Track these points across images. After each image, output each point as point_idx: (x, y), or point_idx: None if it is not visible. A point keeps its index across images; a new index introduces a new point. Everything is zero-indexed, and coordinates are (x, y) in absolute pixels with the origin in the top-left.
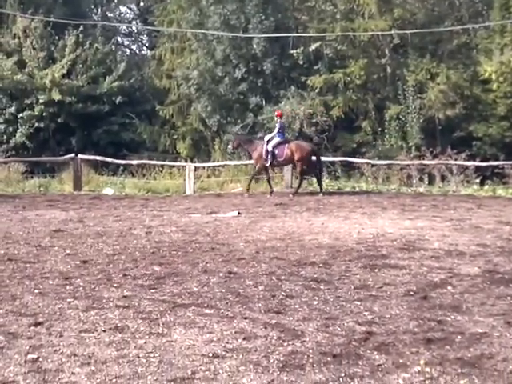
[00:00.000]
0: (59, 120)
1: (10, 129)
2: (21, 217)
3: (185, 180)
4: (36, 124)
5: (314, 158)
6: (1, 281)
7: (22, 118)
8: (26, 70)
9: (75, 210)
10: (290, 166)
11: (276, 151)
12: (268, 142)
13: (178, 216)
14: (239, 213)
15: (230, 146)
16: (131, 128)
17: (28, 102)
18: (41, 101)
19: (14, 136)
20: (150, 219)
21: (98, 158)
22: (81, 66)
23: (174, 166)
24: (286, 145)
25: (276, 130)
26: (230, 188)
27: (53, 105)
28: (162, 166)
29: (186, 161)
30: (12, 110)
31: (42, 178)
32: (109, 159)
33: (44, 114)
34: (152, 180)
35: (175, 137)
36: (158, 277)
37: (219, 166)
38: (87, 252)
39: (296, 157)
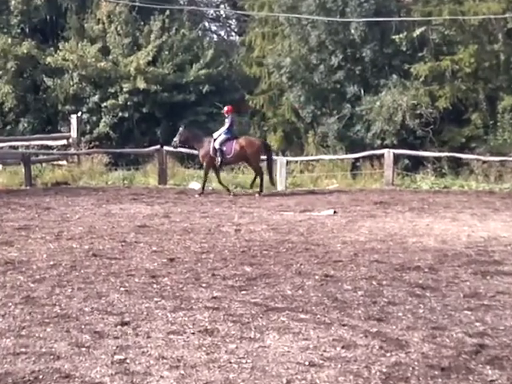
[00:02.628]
0: (144, 110)
1: (94, 118)
2: (105, 211)
3: (276, 175)
4: (120, 114)
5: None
6: (86, 277)
7: (105, 107)
8: (110, 57)
9: (160, 205)
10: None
11: (224, 148)
12: (216, 139)
13: (269, 213)
14: (335, 211)
15: (175, 139)
16: (219, 118)
17: (112, 90)
18: (125, 89)
19: (98, 126)
20: (239, 216)
21: (183, 150)
22: (167, 52)
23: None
24: (234, 141)
25: (226, 126)
26: (325, 184)
27: (137, 94)
28: None
29: (277, 154)
30: (96, 98)
31: (126, 170)
32: (195, 152)
33: (128, 103)
34: (241, 174)
35: (265, 128)
36: (249, 278)
37: (313, 160)
38: (174, 249)
39: (247, 152)
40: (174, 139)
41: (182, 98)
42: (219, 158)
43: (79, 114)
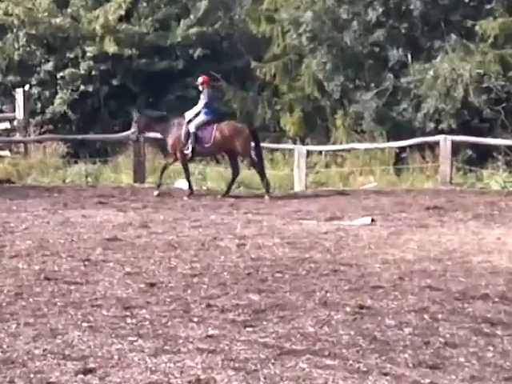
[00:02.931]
0: (114, 82)
1: (46, 93)
2: (61, 218)
3: (293, 170)
4: (82, 87)
5: (252, 143)
6: (36, 308)
7: (62, 78)
8: (69, 10)
9: (137, 211)
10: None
11: (200, 134)
12: (190, 121)
13: (284, 222)
14: (373, 220)
15: (132, 130)
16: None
17: (71, 55)
18: (89, 54)
19: (52, 104)
20: (242, 226)
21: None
22: (145, 4)
23: (276, 150)
24: (215, 125)
25: (201, 103)
26: (359, 183)
27: (105, 60)
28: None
29: (294, 142)
30: (49, 66)
31: (91, 163)
32: None
33: (93, 72)
34: (245, 169)
35: (278, 107)
36: (257, 310)
37: (343, 150)
38: (155, 271)
39: (230, 141)
40: (131, 130)
41: (165, 65)
42: (190, 146)
43: (26, 87)
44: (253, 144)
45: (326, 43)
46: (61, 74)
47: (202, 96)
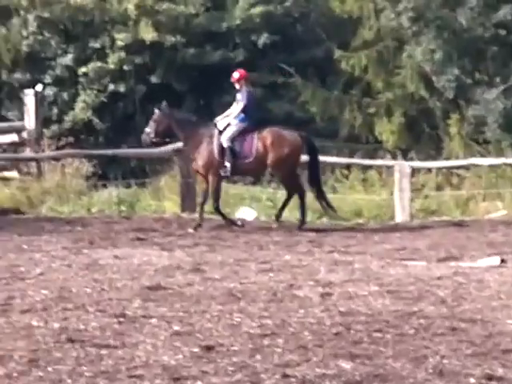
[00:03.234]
0: (153, 79)
1: (65, 95)
2: (87, 260)
3: (393, 194)
4: (111, 86)
5: (305, 156)
6: (57, 380)
7: (85, 75)
8: None
9: (186, 250)
10: None
11: (237, 147)
12: (223, 131)
13: (382, 264)
14: (503, 260)
15: (148, 130)
16: (287, 93)
17: (96, 45)
18: (119, 43)
19: (72, 109)
20: (327, 269)
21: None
22: None
23: (370, 167)
24: (256, 134)
25: (239, 106)
26: (483, 210)
27: (141, 50)
28: (348, 166)
29: (393, 157)
30: (67, 60)
31: (124, 187)
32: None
33: (125, 67)
34: (330, 193)
35: (372, 110)
36: (350, 381)
37: (459, 166)
38: (212, 330)
39: (274, 155)
40: (146, 129)
41: (220, 56)
42: (229, 166)
43: (39, 87)
44: (307, 158)
45: (435, 24)
46: (83, 69)
47: (238, 96)
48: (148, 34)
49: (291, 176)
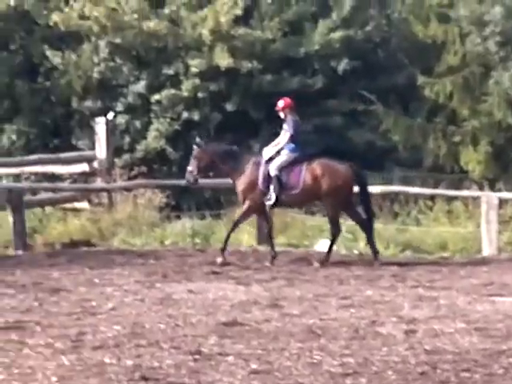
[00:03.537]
0: (229, 106)
1: (137, 124)
2: (161, 295)
3: (480, 226)
4: (185, 114)
5: (356, 188)
6: None
7: (158, 102)
8: (166, 11)
9: (263, 284)
10: None
11: (285, 177)
12: (269, 160)
13: (469, 300)
14: None
15: (190, 169)
16: (368, 121)
17: (169, 72)
18: (194, 70)
19: (145, 138)
20: (411, 305)
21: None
22: (269, 1)
23: (455, 198)
24: (304, 165)
25: (286, 135)
26: None
27: (216, 77)
28: (432, 197)
29: (480, 187)
30: (140, 87)
31: (198, 219)
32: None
33: (200, 94)
34: (412, 226)
35: (457, 139)
36: None
37: None
38: (291, 368)
39: (325, 186)
40: (189, 168)
41: (298, 83)
42: (273, 195)
43: (110, 115)
44: (357, 190)
45: None
46: (156, 96)
47: (284, 125)
48: (223, 60)
49: (348, 207)
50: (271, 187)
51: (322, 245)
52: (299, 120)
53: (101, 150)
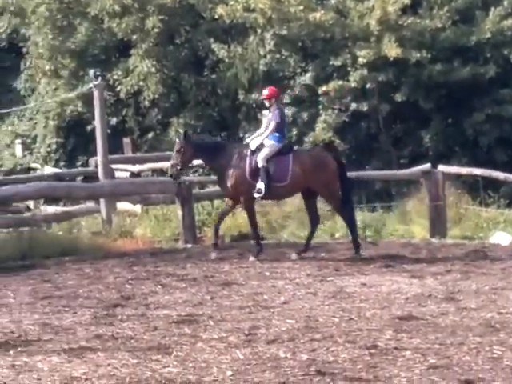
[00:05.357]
0: (398, 97)
1: (305, 116)
2: (333, 288)
3: None
4: (353, 105)
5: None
6: None
7: (325, 94)
8: (332, 1)
9: (438, 278)
10: None
11: (272, 168)
12: (255, 151)
13: None
14: None
15: (172, 162)
16: None
17: (336, 63)
18: (361, 60)
19: (313, 130)
20: None
21: (477, 171)
22: None
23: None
24: (291, 155)
25: (271, 124)
26: None
27: (385, 67)
28: None
29: None
30: (307, 79)
31: (369, 211)
32: (500, 174)
33: (368, 85)
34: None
35: None
36: None
37: None
38: (471, 363)
39: (314, 177)
40: (171, 161)
41: (469, 72)
42: (263, 187)
43: None
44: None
45: None
46: (323, 88)
47: (269, 114)
48: (391, 50)
49: (333, 198)
50: (259, 179)
51: (497, 237)
52: (283, 109)
53: None
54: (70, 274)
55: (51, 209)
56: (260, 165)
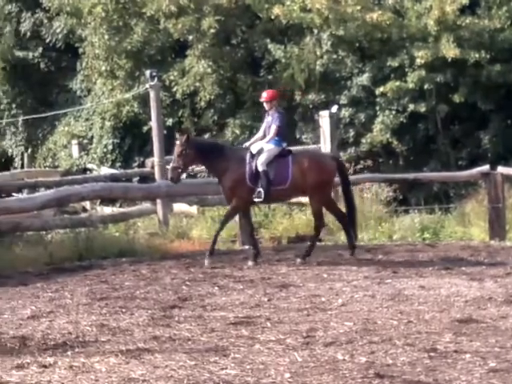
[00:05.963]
0: (456, 98)
1: (362, 117)
2: (391, 290)
3: None
4: (410, 106)
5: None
6: None
7: (383, 95)
8: (390, 2)
9: (498, 280)
10: None
11: (272, 172)
12: (255, 154)
13: None
14: None
15: (173, 165)
16: None
17: (394, 63)
18: (419, 61)
19: (370, 131)
20: None
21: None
22: None
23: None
24: (290, 158)
25: (271, 129)
26: None
27: (443, 68)
28: None
29: None
30: (364, 79)
31: (427, 213)
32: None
33: (426, 86)
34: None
35: None
36: None
37: None
38: None
39: (313, 180)
40: (172, 164)
41: None
42: (262, 191)
43: (334, 108)
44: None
45: None
46: (381, 89)
47: (268, 117)
48: (449, 50)
49: (329, 202)
50: (260, 183)
51: None
52: (283, 112)
53: (325, 144)
54: (126, 275)
55: (108, 209)
56: (260, 169)
